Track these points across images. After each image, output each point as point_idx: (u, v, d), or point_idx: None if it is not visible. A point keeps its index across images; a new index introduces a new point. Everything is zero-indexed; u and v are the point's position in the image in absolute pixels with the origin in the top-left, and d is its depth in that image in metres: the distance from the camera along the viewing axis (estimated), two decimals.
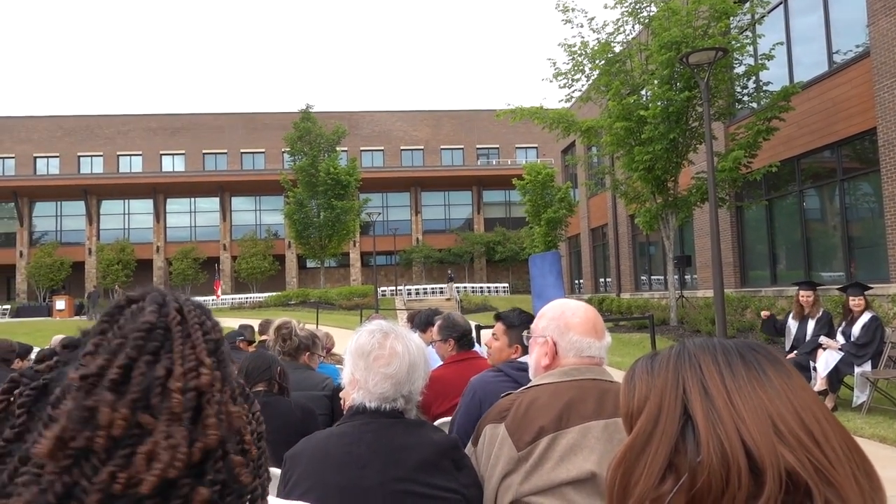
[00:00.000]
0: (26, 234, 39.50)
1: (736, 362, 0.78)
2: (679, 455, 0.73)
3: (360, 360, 1.71)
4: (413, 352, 1.72)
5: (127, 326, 0.59)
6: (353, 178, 32.58)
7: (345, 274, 40.97)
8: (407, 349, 1.72)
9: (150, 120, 43.00)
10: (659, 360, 0.83)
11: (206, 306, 0.65)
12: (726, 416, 0.72)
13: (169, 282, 39.28)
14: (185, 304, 0.63)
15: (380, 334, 1.74)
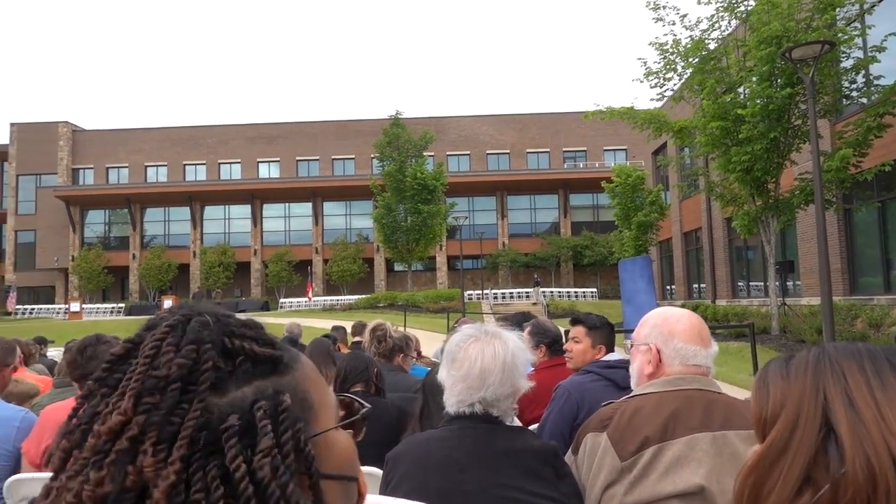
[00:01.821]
0: (138, 238, 42.38)
1: (886, 371, 0.72)
2: (817, 468, 0.70)
3: (447, 365, 1.75)
4: (487, 357, 1.69)
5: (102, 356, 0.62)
6: (440, 183, 32.91)
7: (431, 277, 41.45)
8: (482, 353, 1.70)
9: (248, 129, 45.12)
10: (795, 364, 0.79)
11: (194, 331, 0.59)
12: (875, 431, 0.68)
13: (265, 283, 41.07)
14: (161, 331, 0.59)
15: (465, 338, 1.75)
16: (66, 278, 42.34)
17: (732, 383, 9.92)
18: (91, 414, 0.56)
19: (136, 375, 0.55)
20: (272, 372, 0.60)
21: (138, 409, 0.53)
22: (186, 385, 0.55)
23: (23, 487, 2.80)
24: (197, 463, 0.52)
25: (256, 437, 0.54)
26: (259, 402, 0.56)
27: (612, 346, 3.12)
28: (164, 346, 0.57)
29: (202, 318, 0.60)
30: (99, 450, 0.52)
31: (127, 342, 0.61)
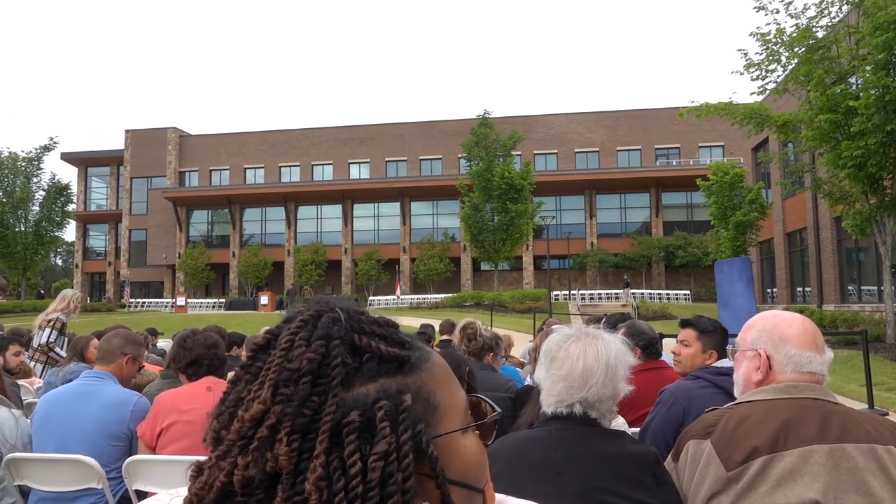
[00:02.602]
0: (238, 237, 44.54)
1: None
2: None
3: (545, 364, 1.72)
4: (590, 357, 1.66)
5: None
6: (527, 182, 32.68)
7: (518, 277, 41.21)
8: (584, 352, 1.66)
9: (339, 132, 46.44)
10: None
11: (324, 327, 0.61)
12: None
13: (355, 281, 42.15)
14: (295, 325, 0.62)
15: (565, 337, 1.72)
16: (173, 274, 45.07)
17: (843, 393, 9.29)
18: (236, 399, 0.59)
19: (274, 367, 0.58)
20: (397, 371, 0.61)
21: (275, 399, 0.56)
22: (317, 378, 0.57)
23: (139, 468, 3.00)
24: (334, 456, 0.54)
25: (375, 437, 0.55)
26: (381, 402, 0.57)
27: (724, 352, 2.98)
28: (297, 340, 0.60)
29: (333, 314, 0.62)
30: (243, 435, 0.56)
31: (267, 333, 0.64)
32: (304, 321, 0.62)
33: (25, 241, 40.79)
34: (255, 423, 0.56)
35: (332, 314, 0.63)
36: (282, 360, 0.59)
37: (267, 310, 33.95)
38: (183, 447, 3.02)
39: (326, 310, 0.63)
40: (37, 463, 3.01)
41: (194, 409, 3.13)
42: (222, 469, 0.56)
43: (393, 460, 0.55)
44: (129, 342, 3.59)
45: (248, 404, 0.57)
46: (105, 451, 3.03)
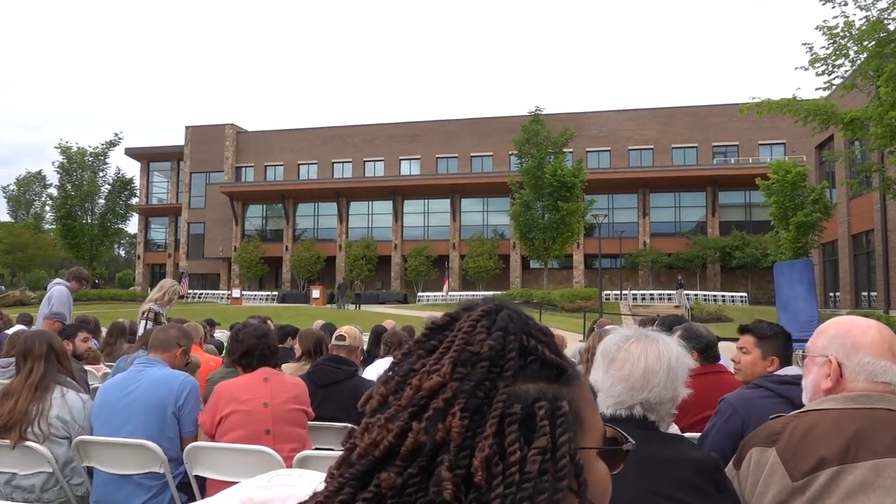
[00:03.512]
0: (291, 232, 45.44)
1: None
2: None
3: (602, 365, 1.69)
4: (652, 357, 1.63)
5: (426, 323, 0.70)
6: (579, 180, 32.28)
7: (567, 276, 40.79)
8: (645, 353, 1.63)
9: (391, 128, 46.83)
10: None
11: (501, 321, 0.65)
12: None
13: (405, 277, 42.48)
14: (476, 313, 0.66)
15: (624, 338, 1.69)
16: (229, 267, 46.31)
17: None
18: (408, 370, 0.64)
19: (455, 346, 0.63)
20: (556, 379, 0.64)
21: (454, 375, 0.60)
22: (492, 365, 0.61)
23: (199, 454, 3.09)
24: (498, 441, 0.58)
25: (533, 433, 0.59)
26: (541, 402, 0.61)
27: (789, 358, 2.87)
28: (479, 327, 0.64)
29: (510, 312, 0.67)
30: (416, 403, 0.60)
31: (446, 315, 0.69)
32: (486, 311, 0.66)
33: (92, 233, 42.63)
34: (432, 394, 0.60)
35: (509, 311, 0.67)
36: (463, 342, 0.63)
37: (318, 303, 34.52)
38: (240, 436, 3.11)
39: (504, 306, 0.68)
40: (103, 446, 3.14)
41: (252, 399, 3.22)
42: (390, 430, 0.59)
43: (549, 458, 0.57)
44: (184, 335, 3.72)
45: (424, 375, 0.62)
46: (159, 431, 3.13)
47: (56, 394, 3.22)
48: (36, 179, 60.72)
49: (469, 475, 0.57)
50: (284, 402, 3.25)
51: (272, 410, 3.20)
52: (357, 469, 0.60)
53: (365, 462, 0.60)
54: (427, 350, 0.65)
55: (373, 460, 0.59)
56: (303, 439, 3.30)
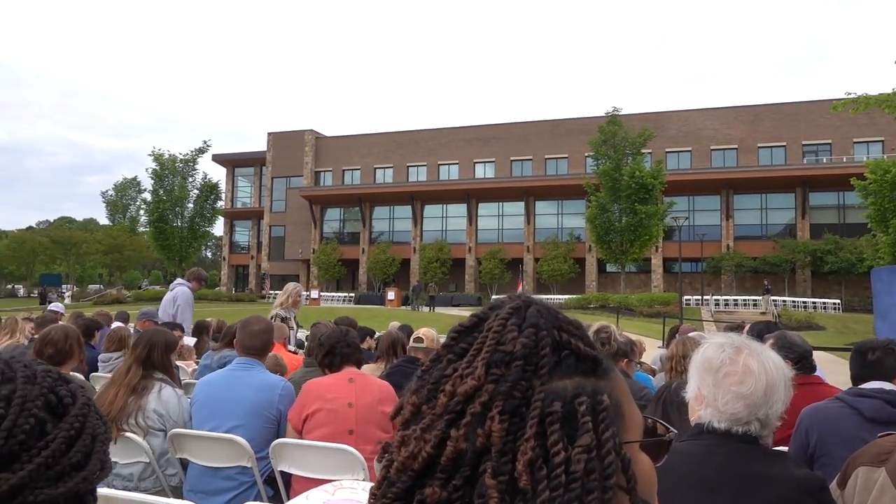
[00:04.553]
0: (367, 234, 46.34)
1: None
2: None
3: (707, 376, 1.61)
4: (770, 370, 1.56)
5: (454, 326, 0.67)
6: (658, 182, 31.41)
7: (645, 280, 39.72)
8: (763, 367, 1.56)
9: (465, 132, 46.99)
10: None
11: (531, 317, 0.63)
12: None
13: (478, 280, 42.51)
14: (505, 311, 0.64)
15: (731, 349, 1.62)
16: (308, 268, 47.67)
17: None
18: (439, 376, 0.62)
19: (487, 347, 0.60)
20: (592, 372, 0.62)
21: (488, 377, 0.58)
22: (526, 364, 0.59)
23: (284, 450, 3.19)
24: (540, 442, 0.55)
25: (576, 430, 0.56)
26: (581, 397, 0.58)
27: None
28: (509, 325, 0.62)
29: (539, 307, 0.64)
30: (451, 409, 0.58)
31: (474, 316, 0.66)
32: (514, 309, 0.64)
33: (181, 235, 44.90)
34: (467, 399, 0.57)
35: (538, 306, 0.64)
36: (494, 342, 0.60)
37: (393, 305, 35.03)
38: (325, 434, 3.18)
39: (532, 302, 0.65)
40: (195, 439, 3.29)
41: (337, 398, 3.29)
42: (427, 441, 0.57)
43: (594, 456, 0.55)
44: (274, 331, 3.85)
45: (457, 380, 0.59)
46: (257, 432, 3.27)
47: (154, 389, 3.40)
48: (131, 185, 64.50)
49: (513, 480, 0.54)
50: (369, 403, 3.31)
51: (356, 411, 3.27)
52: (399, 487, 0.58)
53: (405, 478, 0.57)
54: (457, 354, 0.63)
55: (413, 475, 0.57)
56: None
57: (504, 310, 0.64)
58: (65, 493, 0.72)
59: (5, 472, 0.69)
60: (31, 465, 0.70)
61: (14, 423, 0.71)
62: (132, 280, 67.74)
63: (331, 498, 0.83)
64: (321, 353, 3.53)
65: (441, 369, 0.62)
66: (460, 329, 0.65)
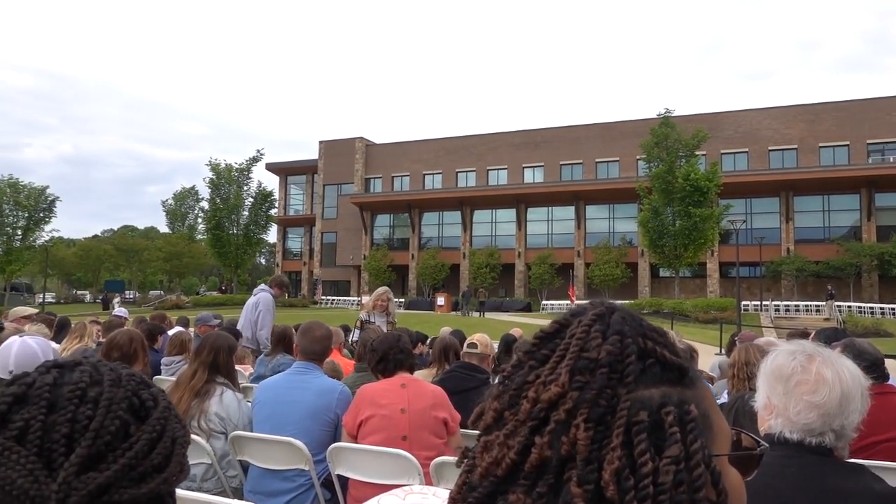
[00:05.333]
0: (416, 240, 46.65)
1: None
2: None
3: (778, 384, 1.55)
4: (846, 379, 1.50)
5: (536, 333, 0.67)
6: (713, 184, 30.62)
7: (701, 285, 38.72)
8: (838, 376, 1.50)
9: (514, 136, 46.84)
10: None
11: (616, 324, 0.62)
12: None
13: (528, 285, 42.24)
14: (588, 318, 0.63)
15: (803, 356, 1.56)
16: (359, 274, 48.26)
17: None
18: (521, 382, 0.61)
19: (570, 353, 0.59)
20: (679, 382, 0.60)
21: (572, 384, 0.57)
22: (611, 372, 0.58)
23: (341, 454, 3.23)
24: (627, 451, 0.54)
25: (663, 441, 0.55)
26: (667, 407, 0.57)
27: None
28: (592, 332, 0.61)
29: (623, 313, 0.63)
30: (535, 416, 0.57)
31: (555, 323, 0.65)
32: (598, 315, 0.63)
33: (237, 243, 46.17)
34: (551, 406, 0.57)
35: (622, 313, 0.63)
36: (578, 349, 0.59)
37: (443, 310, 35.12)
38: (379, 440, 3.20)
39: (616, 308, 0.64)
40: (255, 441, 3.36)
41: (390, 403, 3.31)
42: (511, 447, 0.56)
43: (682, 468, 0.54)
44: (332, 336, 3.90)
45: (540, 387, 0.58)
46: (315, 436, 3.32)
47: (216, 392, 3.49)
48: (189, 194, 66.68)
49: (598, 490, 0.53)
50: (422, 409, 3.32)
51: (409, 417, 3.28)
52: (480, 492, 0.57)
53: (487, 483, 0.57)
54: (539, 360, 0.62)
55: (495, 480, 0.57)
56: (439, 448, 3.34)
57: (587, 316, 0.63)
58: (147, 494, 0.74)
59: (93, 471, 0.71)
60: (116, 465, 0.72)
61: (101, 425, 0.74)
62: (190, 286, 69.90)
63: (401, 502, 0.83)
64: (374, 358, 3.55)
65: (523, 375, 0.62)
66: (542, 335, 0.65)
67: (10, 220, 41.83)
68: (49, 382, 0.77)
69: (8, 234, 41.65)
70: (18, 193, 42.21)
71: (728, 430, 0.64)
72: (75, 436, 0.72)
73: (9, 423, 0.73)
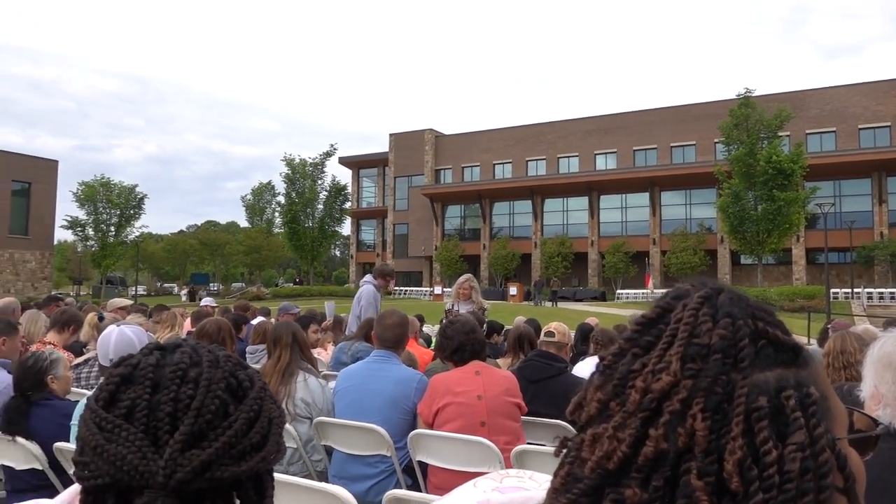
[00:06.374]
0: (487, 230, 46.61)
1: None
2: None
3: (887, 372, 1.47)
4: None
5: (636, 318, 0.63)
6: (798, 166, 29.14)
7: (785, 272, 36.99)
8: None
9: (585, 123, 45.98)
10: None
11: (724, 306, 0.58)
12: None
13: (602, 274, 41.52)
14: (694, 301, 0.59)
15: None
16: (431, 265, 48.70)
17: None
18: (625, 371, 0.58)
19: (679, 339, 0.57)
20: (793, 362, 0.58)
21: (685, 372, 0.55)
22: (725, 357, 0.55)
23: (421, 441, 3.28)
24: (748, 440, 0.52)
25: (785, 427, 0.53)
26: (787, 390, 0.54)
27: None
28: (701, 315, 0.58)
29: (731, 294, 0.60)
30: (646, 407, 0.55)
31: (658, 308, 0.62)
32: (705, 297, 0.59)
33: (312, 235, 47.47)
34: (663, 396, 0.54)
35: (729, 294, 0.60)
36: (687, 334, 0.57)
37: (515, 300, 34.96)
38: (458, 427, 3.23)
39: (722, 288, 0.61)
40: (339, 427, 3.45)
41: (466, 391, 3.33)
42: (622, 440, 0.54)
43: (808, 454, 0.51)
44: (409, 324, 3.95)
45: (649, 376, 0.56)
46: (394, 423, 3.38)
47: (300, 378, 3.61)
48: (266, 189, 68.97)
49: (719, 481, 0.51)
50: (497, 394, 3.33)
51: (486, 403, 3.29)
52: (587, 484, 0.55)
53: (595, 476, 0.55)
54: (643, 347, 0.59)
55: (603, 474, 0.55)
56: (516, 433, 3.35)
57: (693, 299, 0.59)
58: (246, 472, 0.77)
59: (196, 448, 0.74)
60: (217, 443, 0.75)
61: (202, 404, 0.77)
62: (270, 278, 72.40)
63: (499, 485, 0.82)
64: (450, 347, 3.58)
65: (627, 364, 0.59)
66: (644, 321, 0.61)
67: (104, 218, 44.42)
68: (152, 363, 0.80)
69: (103, 230, 44.26)
70: (111, 192, 44.76)
71: (845, 411, 0.62)
72: (178, 414, 0.75)
73: (117, 403, 0.77)
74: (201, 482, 0.73)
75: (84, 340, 5.38)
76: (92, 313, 5.88)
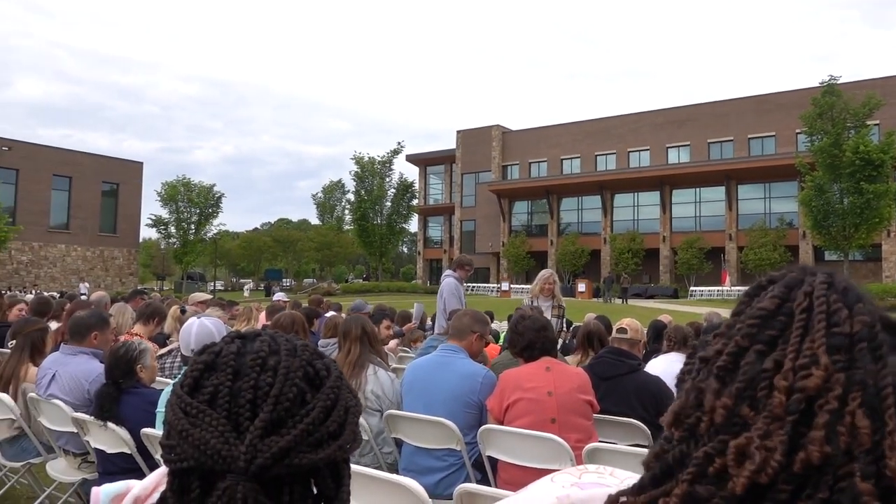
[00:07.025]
0: (555, 226, 46.07)
1: None
2: None
3: None
4: None
5: (748, 311, 0.58)
6: (889, 156, 27.42)
7: (875, 269, 34.94)
8: None
9: (656, 115, 44.73)
10: None
11: (848, 290, 0.55)
12: None
13: (674, 270, 40.34)
14: (818, 287, 0.55)
15: None
16: (498, 261, 48.56)
17: None
18: (755, 372, 0.53)
19: (817, 331, 0.53)
20: None
21: (834, 366, 0.51)
22: (869, 345, 0.52)
23: (491, 436, 3.27)
24: None
25: None
26: None
27: None
28: (833, 302, 0.54)
29: (840, 278, 0.57)
30: (794, 409, 0.50)
31: (774, 298, 0.57)
32: (828, 283, 0.56)
33: (381, 232, 48.17)
34: (818, 394, 0.50)
35: (841, 277, 0.57)
36: (824, 324, 0.53)
37: (584, 297, 34.46)
38: (528, 423, 3.21)
39: (833, 272, 0.58)
40: (408, 420, 3.49)
41: (536, 387, 3.30)
42: (772, 449, 0.49)
43: None
44: (476, 321, 3.94)
45: (790, 374, 0.51)
46: (459, 417, 3.38)
47: (370, 371, 3.67)
48: (337, 187, 70.51)
49: (880, 480, 0.47)
50: (568, 391, 3.28)
51: (556, 399, 3.25)
52: (721, 498, 0.50)
53: (728, 496, 0.50)
54: (766, 343, 0.54)
55: (750, 490, 0.49)
56: (588, 431, 3.29)
57: (817, 286, 0.56)
58: (324, 459, 0.78)
59: (275, 435, 0.75)
60: (295, 430, 0.76)
61: (280, 391, 0.78)
62: (340, 274, 74.03)
63: (578, 480, 0.80)
64: (521, 343, 3.56)
65: (752, 364, 0.54)
66: (762, 314, 0.56)
67: (185, 216, 46.48)
68: (234, 351, 0.82)
69: (184, 228, 46.33)
70: (191, 192, 46.78)
71: None
72: (258, 401, 0.77)
73: (201, 389, 0.79)
74: (280, 468, 0.75)
75: (167, 332, 5.64)
76: (175, 307, 6.16)
